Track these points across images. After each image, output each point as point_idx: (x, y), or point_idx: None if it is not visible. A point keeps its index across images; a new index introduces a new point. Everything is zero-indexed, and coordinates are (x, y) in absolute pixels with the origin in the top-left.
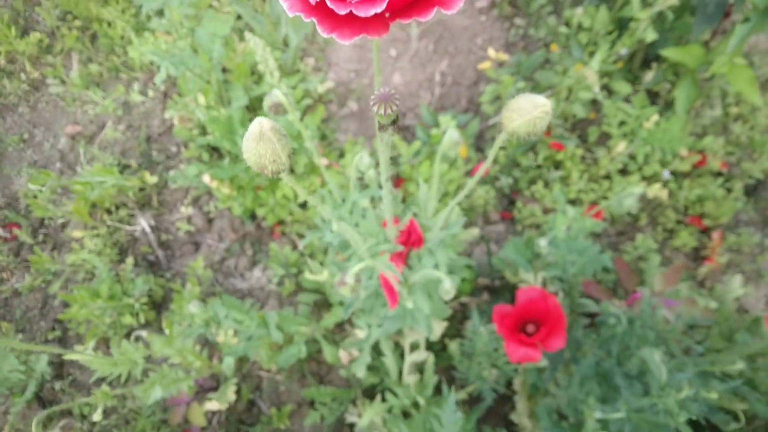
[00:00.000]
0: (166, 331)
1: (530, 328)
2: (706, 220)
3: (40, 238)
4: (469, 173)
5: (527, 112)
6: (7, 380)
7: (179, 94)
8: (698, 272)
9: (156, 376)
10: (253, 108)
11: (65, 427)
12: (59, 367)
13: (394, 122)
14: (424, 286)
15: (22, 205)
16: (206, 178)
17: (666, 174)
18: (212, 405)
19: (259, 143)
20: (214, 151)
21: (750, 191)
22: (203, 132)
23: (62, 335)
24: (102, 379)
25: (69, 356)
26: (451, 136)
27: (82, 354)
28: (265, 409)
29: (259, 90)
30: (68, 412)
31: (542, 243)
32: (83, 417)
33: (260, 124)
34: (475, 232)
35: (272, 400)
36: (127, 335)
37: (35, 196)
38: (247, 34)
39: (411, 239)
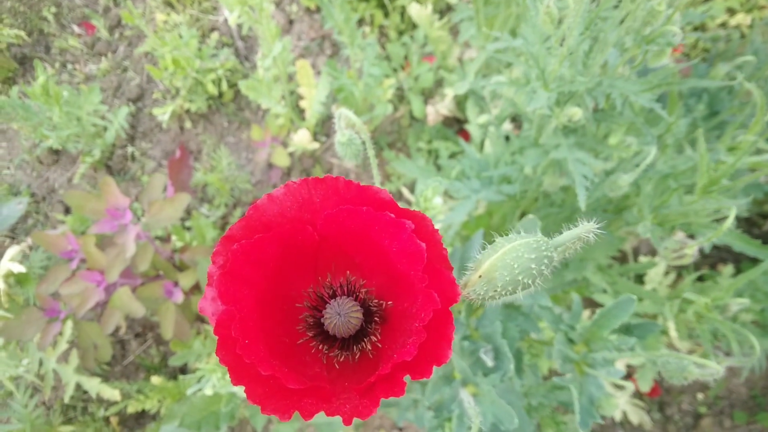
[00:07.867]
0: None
1: None
2: None
3: (117, 35)
4: None
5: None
6: (86, 131)
7: None
8: None
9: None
10: None
11: None
12: (131, 140)
13: None
14: None
15: (101, 4)
16: None
17: None
18: (301, 135)
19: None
20: None
21: None
22: None
23: (136, 100)
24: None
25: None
26: None
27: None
28: None
29: None
30: (138, 179)
31: None
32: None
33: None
34: None
35: None
36: (209, 109)
37: None
38: None
39: None
